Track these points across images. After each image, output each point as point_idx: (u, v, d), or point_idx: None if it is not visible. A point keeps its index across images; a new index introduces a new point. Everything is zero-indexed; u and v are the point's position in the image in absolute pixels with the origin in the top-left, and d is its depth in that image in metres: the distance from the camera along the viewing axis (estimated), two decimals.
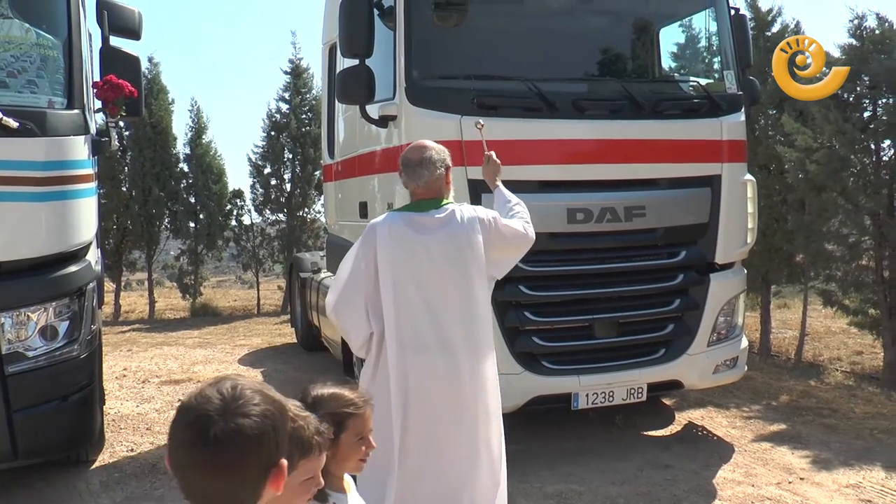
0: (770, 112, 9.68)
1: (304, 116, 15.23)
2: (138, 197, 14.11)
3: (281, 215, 15.43)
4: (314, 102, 15.03)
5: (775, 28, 9.99)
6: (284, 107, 15.30)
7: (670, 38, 6.78)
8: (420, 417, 3.39)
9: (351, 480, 2.33)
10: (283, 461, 1.43)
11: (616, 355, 5.59)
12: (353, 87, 5.24)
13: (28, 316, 4.62)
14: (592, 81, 5.89)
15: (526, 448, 5.66)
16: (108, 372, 8.17)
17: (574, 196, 5.37)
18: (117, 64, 5.20)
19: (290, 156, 15.26)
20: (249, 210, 15.44)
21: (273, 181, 15.34)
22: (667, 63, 6.87)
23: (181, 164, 14.80)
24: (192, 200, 14.71)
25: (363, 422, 2.28)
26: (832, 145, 8.24)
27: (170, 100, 14.70)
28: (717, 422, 6.63)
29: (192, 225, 14.79)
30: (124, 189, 14.24)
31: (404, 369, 3.40)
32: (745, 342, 6.20)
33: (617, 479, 5.25)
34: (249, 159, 15.36)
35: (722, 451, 5.89)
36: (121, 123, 12.36)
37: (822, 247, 8.78)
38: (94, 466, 5.65)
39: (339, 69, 6.01)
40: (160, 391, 7.98)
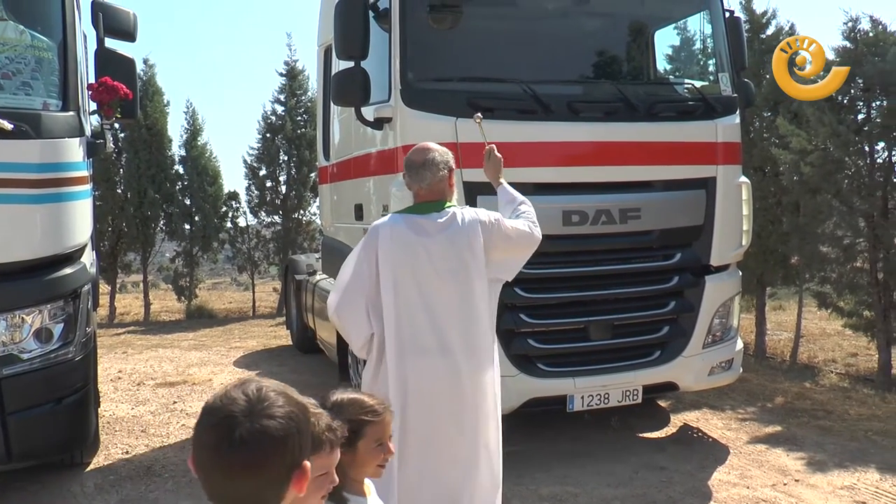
0: (765, 114, 9.70)
1: (299, 118, 15.22)
2: (133, 199, 14.09)
3: (276, 217, 15.42)
4: (309, 104, 15.03)
5: (770, 30, 10.02)
6: (280, 109, 15.30)
7: (665, 40, 6.80)
8: (419, 419, 3.40)
9: (372, 485, 2.33)
10: (307, 463, 1.44)
11: (611, 357, 5.59)
12: (349, 89, 5.24)
13: (23, 318, 4.60)
14: (587, 83, 5.90)
15: (521, 450, 5.66)
16: (103, 374, 8.16)
17: (569, 198, 5.38)
18: (112, 66, 5.18)
19: (286, 158, 15.25)
20: (245, 212, 15.44)
21: (268, 183, 15.33)
22: (662, 65, 6.89)
23: (176, 166, 14.78)
24: (188, 202, 14.69)
25: (382, 428, 2.27)
26: (826, 147, 8.26)
27: (165, 102, 14.69)
28: (712, 424, 6.64)
29: (188, 227, 14.77)
30: (119, 191, 14.22)
31: (404, 371, 3.40)
32: (740, 344, 6.21)
33: (612, 481, 5.26)
34: (245, 161, 15.36)
35: (717, 452, 5.90)
36: (116, 125, 12.31)
37: (817, 249, 8.79)
38: (88, 469, 5.64)
39: (334, 71, 6.01)
40: (155, 393, 7.97)
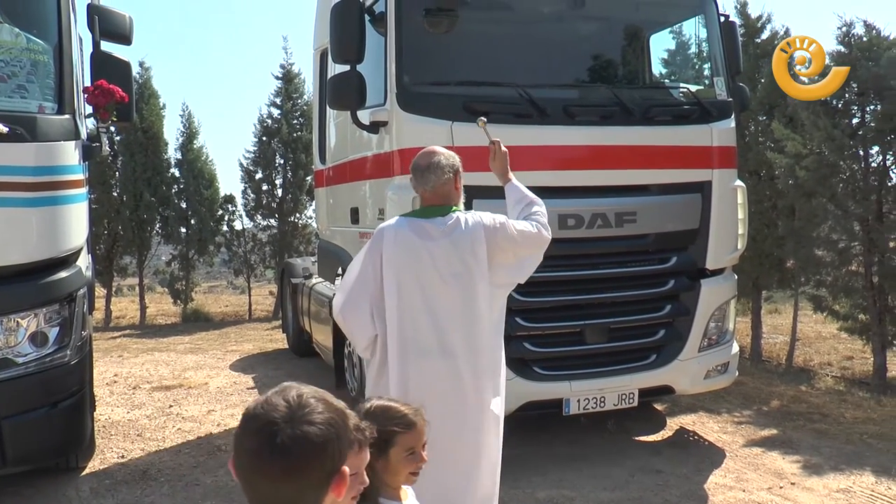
0: (760, 118, 9.74)
1: (295, 122, 15.23)
2: (129, 202, 14.07)
3: (272, 220, 15.42)
4: (306, 108, 15.03)
5: (765, 35, 10.07)
6: (276, 112, 15.30)
7: (660, 44, 6.82)
8: None
9: (410, 490, 2.34)
10: (345, 468, 1.46)
11: (607, 361, 5.60)
12: (345, 92, 5.25)
13: (18, 322, 4.59)
14: (583, 87, 5.91)
15: (517, 453, 5.65)
16: (99, 378, 8.14)
17: (565, 202, 5.38)
18: (108, 69, 5.18)
19: (282, 161, 15.26)
20: (241, 215, 15.46)
21: (264, 186, 15.33)
22: (657, 69, 6.89)
23: (172, 170, 14.77)
24: (184, 206, 14.68)
25: (413, 437, 2.28)
26: (821, 151, 8.29)
27: (161, 105, 14.69)
28: (708, 427, 6.64)
29: (184, 230, 14.76)
30: (115, 194, 14.21)
31: (405, 373, 3.41)
32: (735, 347, 6.22)
33: (609, 485, 5.26)
34: (241, 164, 15.38)
35: (713, 456, 5.90)
36: (112, 128, 12.31)
37: (812, 252, 8.82)
38: (84, 473, 5.62)
39: (330, 75, 6.02)
40: (151, 397, 7.95)
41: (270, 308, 15.24)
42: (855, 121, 8.35)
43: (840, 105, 8.42)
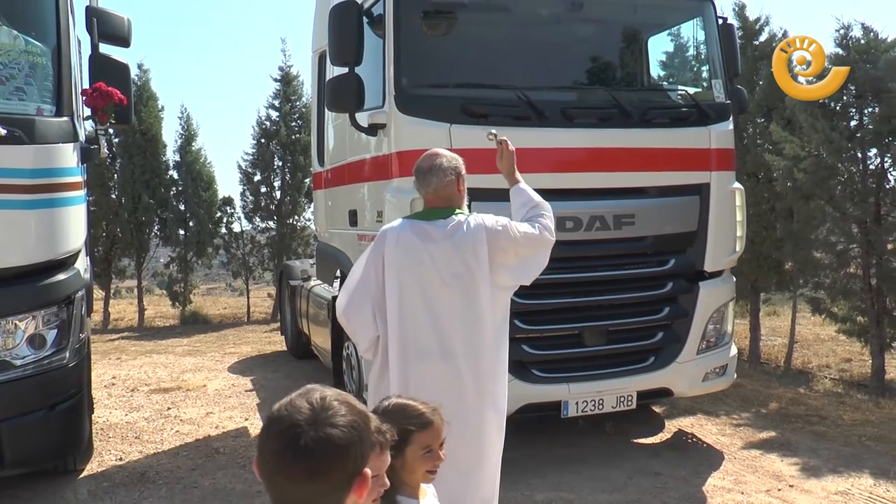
0: (758, 120, 9.76)
1: (294, 124, 15.24)
2: (128, 204, 14.08)
3: (271, 223, 15.42)
4: (304, 110, 15.03)
5: (763, 37, 10.09)
6: (274, 114, 15.30)
7: (659, 46, 6.83)
8: None
9: (430, 488, 2.35)
10: (367, 470, 1.49)
11: (606, 363, 5.60)
12: (343, 95, 5.25)
13: (16, 324, 4.59)
14: (581, 90, 5.91)
15: (515, 456, 5.64)
16: (97, 380, 8.13)
17: (563, 204, 5.36)
18: (106, 71, 5.18)
19: (280, 163, 15.27)
20: (239, 217, 15.46)
21: (263, 188, 15.33)
22: (655, 72, 6.90)
23: (171, 172, 14.78)
24: (182, 208, 14.68)
25: (430, 436, 2.29)
26: (819, 154, 8.30)
27: (159, 107, 14.70)
28: (706, 429, 6.64)
29: (182, 232, 14.75)
30: (114, 196, 14.21)
31: (405, 375, 3.41)
32: (734, 350, 6.22)
33: (607, 487, 5.25)
34: (239, 167, 15.38)
35: (712, 458, 5.90)
36: (110, 131, 12.33)
37: (811, 255, 8.83)
38: (82, 476, 5.61)
39: (328, 77, 6.02)
40: (149, 399, 7.94)
41: (269, 310, 15.24)
42: (853, 123, 8.36)
43: (838, 107, 8.43)
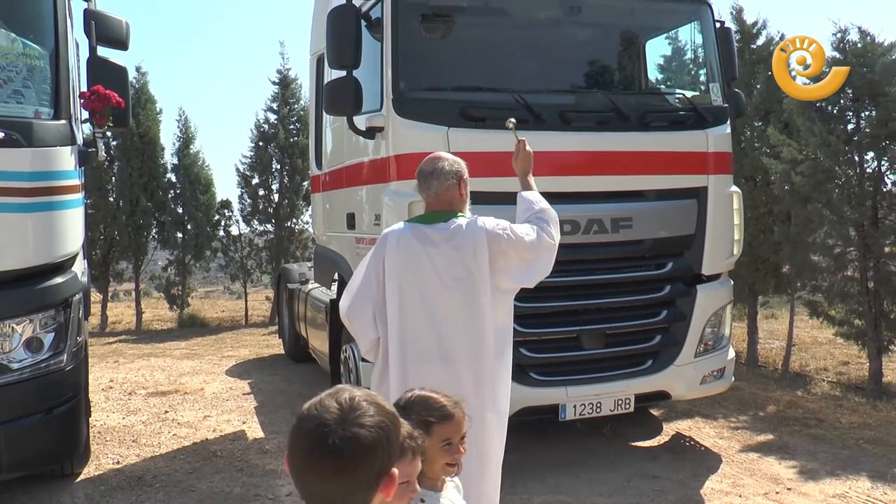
0: (756, 124, 9.77)
1: (292, 127, 15.24)
2: (125, 207, 14.06)
3: (269, 226, 15.41)
4: (302, 113, 15.04)
5: (760, 41, 10.11)
6: (272, 117, 15.31)
7: (656, 50, 6.83)
8: None
9: (455, 481, 2.35)
10: (395, 470, 1.52)
11: (603, 366, 5.60)
12: (341, 98, 5.25)
13: (13, 328, 4.58)
14: (579, 93, 5.92)
15: (514, 459, 5.61)
16: (95, 383, 8.12)
17: (561, 207, 5.28)
18: (104, 74, 5.19)
19: (278, 166, 15.27)
20: (237, 220, 15.45)
21: (261, 191, 15.33)
22: (653, 75, 6.91)
23: (169, 175, 14.78)
24: (180, 211, 14.67)
25: (450, 428, 2.29)
26: (817, 157, 8.32)
27: (158, 110, 14.68)
28: (704, 432, 6.65)
29: (180, 235, 14.75)
30: (111, 199, 14.20)
31: (404, 377, 3.42)
32: (732, 353, 6.22)
33: (605, 490, 5.25)
34: (237, 169, 15.38)
35: (709, 461, 5.90)
36: (108, 134, 12.34)
37: (808, 258, 8.84)
38: (79, 479, 5.60)
39: (326, 80, 6.02)
40: (147, 403, 7.93)
41: (267, 313, 15.23)
42: (850, 127, 8.38)
43: (835, 111, 8.45)
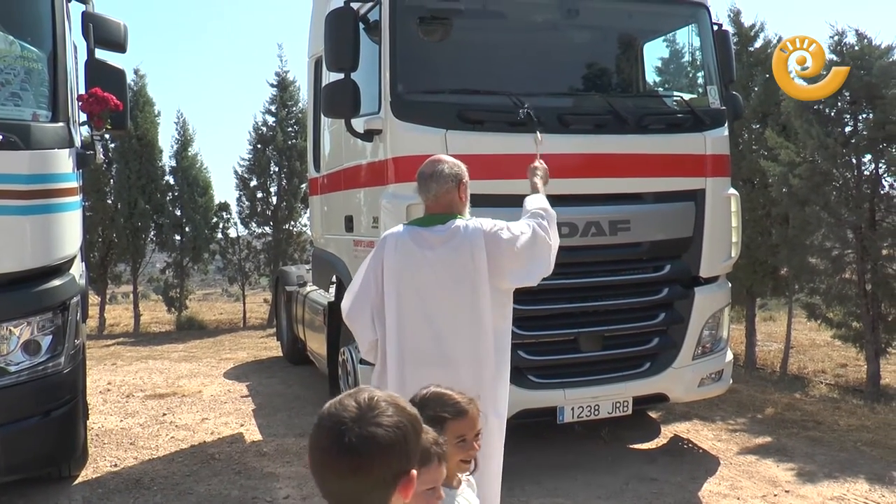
0: (753, 126, 9.79)
1: (290, 129, 15.25)
2: (124, 210, 14.08)
3: (267, 228, 15.41)
4: (300, 115, 15.06)
5: (758, 43, 10.13)
6: (271, 119, 15.32)
7: (654, 53, 6.84)
8: None
9: (471, 480, 2.35)
10: (414, 472, 1.53)
11: (601, 369, 5.60)
12: (339, 100, 5.25)
13: (10, 330, 4.57)
14: (577, 96, 5.92)
15: (512, 462, 5.61)
16: (92, 386, 8.11)
17: (559, 210, 5.29)
18: (103, 76, 5.18)
19: (277, 169, 15.28)
20: (235, 223, 15.47)
21: (259, 194, 15.34)
22: (651, 78, 6.93)
23: (167, 177, 14.80)
24: (178, 213, 14.68)
25: (464, 425, 2.29)
26: (814, 160, 8.33)
27: (156, 112, 14.72)
28: (702, 435, 6.65)
29: (178, 238, 14.76)
30: (110, 202, 14.22)
31: (403, 379, 3.42)
32: (729, 355, 6.22)
33: (603, 493, 5.25)
34: (235, 172, 15.39)
35: (708, 464, 5.90)
36: (106, 136, 12.34)
37: (806, 260, 8.86)
38: (76, 482, 5.59)
39: (324, 82, 6.02)
40: (144, 405, 7.93)
41: (265, 316, 15.23)
42: (847, 129, 8.40)
43: (833, 113, 8.47)
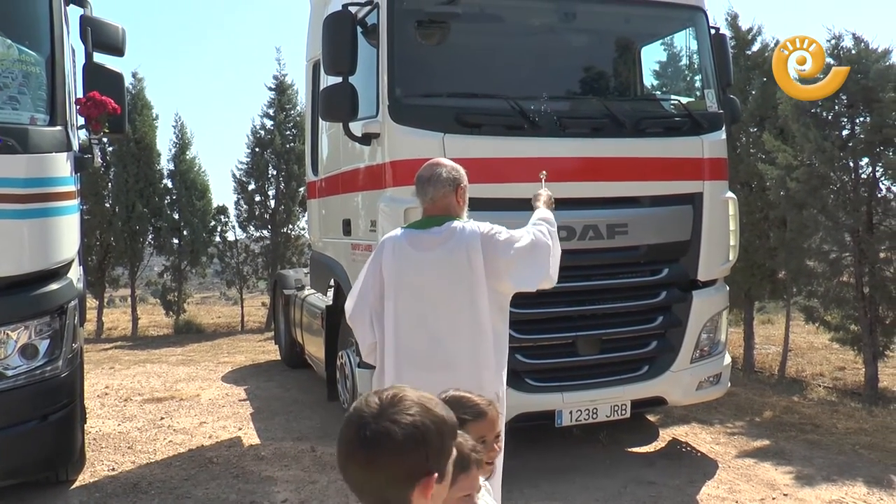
0: (751, 130, 9.79)
1: (288, 133, 15.24)
2: (122, 213, 14.06)
3: (265, 232, 15.41)
4: (298, 119, 15.05)
5: (755, 47, 10.13)
6: (269, 123, 15.31)
7: (652, 56, 6.85)
8: None
9: (486, 485, 2.35)
10: (435, 474, 1.53)
11: (599, 372, 5.60)
12: (337, 104, 5.26)
13: (7, 334, 4.57)
14: (574, 99, 5.92)
15: (509, 465, 5.61)
16: (90, 390, 8.10)
17: (557, 214, 5.34)
18: (101, 80, 5.18)
19: (275, 172, 15.27)
20: (233, 226, 15.45)
21: (257, 197, 15.34)
22: (648, 81, 6.93)
23: (165, 180, 14.78)
24: (176, 216, 14.66)
25: (484, 426, 2.30)
26: (812, 163, 8.34)
27: (154, 116, 14.71)
28: (701, 438, 6.65)
29: (176, 241, 14.75)
30: (107, 205, 14.20)
31: (399, 382, 3.41)
32: (728, 358, 6.23)
33: (601, 497, 5.25)
34: (234, 175, 15.37)
35: (706, 467, 5.90)
36: (104, 140, 12.33)
37: (804, 263, 8.86)
38: (74, 486, 5.58)
39: (322, 86, 6.03)
40: (142, 409, 7.91)
41: (263, 319, 15.21)
42: (845, 132, 8.40)
43: (830, 117, 8.48)
